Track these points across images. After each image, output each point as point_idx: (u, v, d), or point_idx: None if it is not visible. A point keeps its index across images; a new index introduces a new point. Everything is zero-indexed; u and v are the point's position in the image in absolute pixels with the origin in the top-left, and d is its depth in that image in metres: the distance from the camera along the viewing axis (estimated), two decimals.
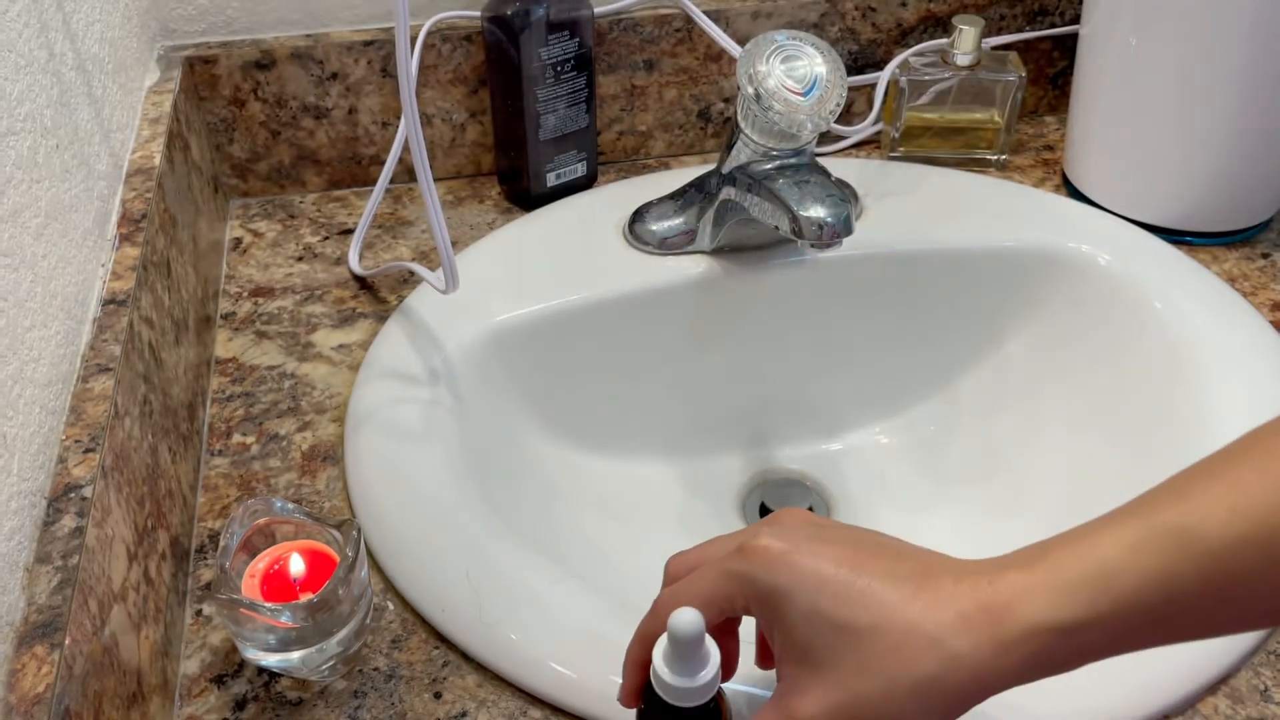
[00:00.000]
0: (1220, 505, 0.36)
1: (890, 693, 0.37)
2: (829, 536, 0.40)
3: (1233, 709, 0.50)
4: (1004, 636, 0.37)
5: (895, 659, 0.37)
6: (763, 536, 0.40)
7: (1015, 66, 0.79)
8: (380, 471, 0.59)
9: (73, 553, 0.43)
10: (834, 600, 0.38)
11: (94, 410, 0.48)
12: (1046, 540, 0.39)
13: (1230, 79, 0.68)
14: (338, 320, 0.70)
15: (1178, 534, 0.36)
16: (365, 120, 0.78)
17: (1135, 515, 0.37)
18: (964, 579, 0.38)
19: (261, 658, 0.50)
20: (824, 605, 0.38)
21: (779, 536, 0.40)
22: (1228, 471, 0.37)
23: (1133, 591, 0.36)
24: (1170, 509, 0.37)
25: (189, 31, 0.75)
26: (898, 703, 0.37)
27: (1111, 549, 0.37)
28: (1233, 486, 0.36)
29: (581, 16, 0.72)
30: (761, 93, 0.62)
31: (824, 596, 0.38)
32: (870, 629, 0.38)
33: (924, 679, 0.37)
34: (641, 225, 0.72)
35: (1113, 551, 0.37)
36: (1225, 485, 0.36)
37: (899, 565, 0.39)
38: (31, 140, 0.50)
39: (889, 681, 0.37)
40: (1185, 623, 0.37)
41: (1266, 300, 0.71)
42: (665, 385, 0.73)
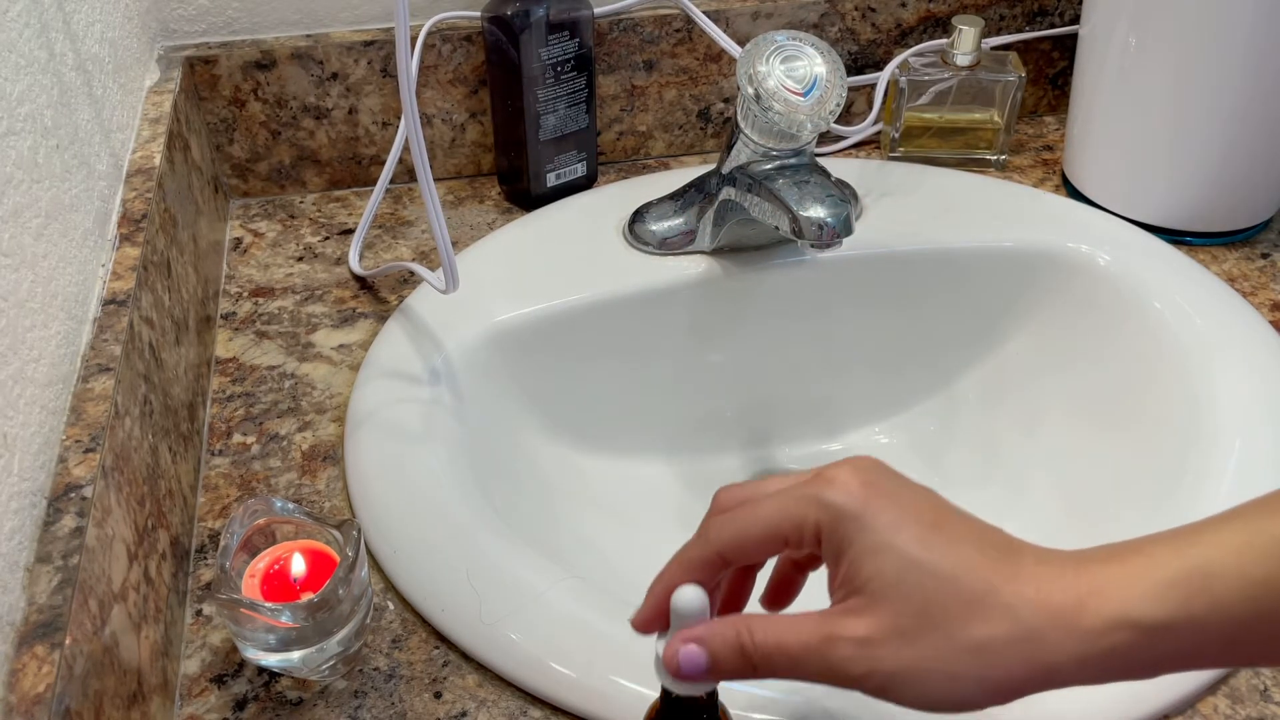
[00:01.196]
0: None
1: (949, 645, 0.36)
2: (913, 486, 0.39)
3: (1232, 709, 0.50)
4: (1085, 625, 0.35)
5: (964, 613, 0.36)
6: (845, 468, 0.39)
7: (1015, 67, 0.79)
8: (380, 471, 0.59)
9: (73, 552, 0.43)
10: (913, 541, 0.37)
11: (94, 410, 0.48)
12: (1140, 537, 0.37)
13: (1230, 78, 0.68)
14: (338, 320, 0.70)
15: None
16: (365, 120, 0.78)
17: (1242, 519, 0.36)
18: (1048, 562, 0.37)
19: (262, 657, 0.50)
20: (902, 543, 0.37)
21: (863, 469, 0.39)
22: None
23: (1231, 597, 0.34)
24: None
25: (189, 32, 0.75)
26: (953, 658, 0.36)
27: (1214, 549, 0.35)
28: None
29: (581, 17, 0.72)
30: (761, 93, 0.62)
31: (903, 535, 0.37)
32: (945, 577, 0.36)
33: (989, 643, 0.35)
34: (641, 225, 0.72)
35: (1215, 552, 0.35)
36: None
37: (984, 532, 0.38)
38: (32, 140, 0.50)
39: (951, 634, 0.36)
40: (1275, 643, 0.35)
41: (1266, 300, 0.71)
42: (665, 385, 0.73)
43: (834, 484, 0.38)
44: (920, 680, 0.36)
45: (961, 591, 0.36)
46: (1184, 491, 0.58)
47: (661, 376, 0.73)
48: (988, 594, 0.36)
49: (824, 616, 0.38)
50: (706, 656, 0.38)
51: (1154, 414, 0.66)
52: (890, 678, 0.36)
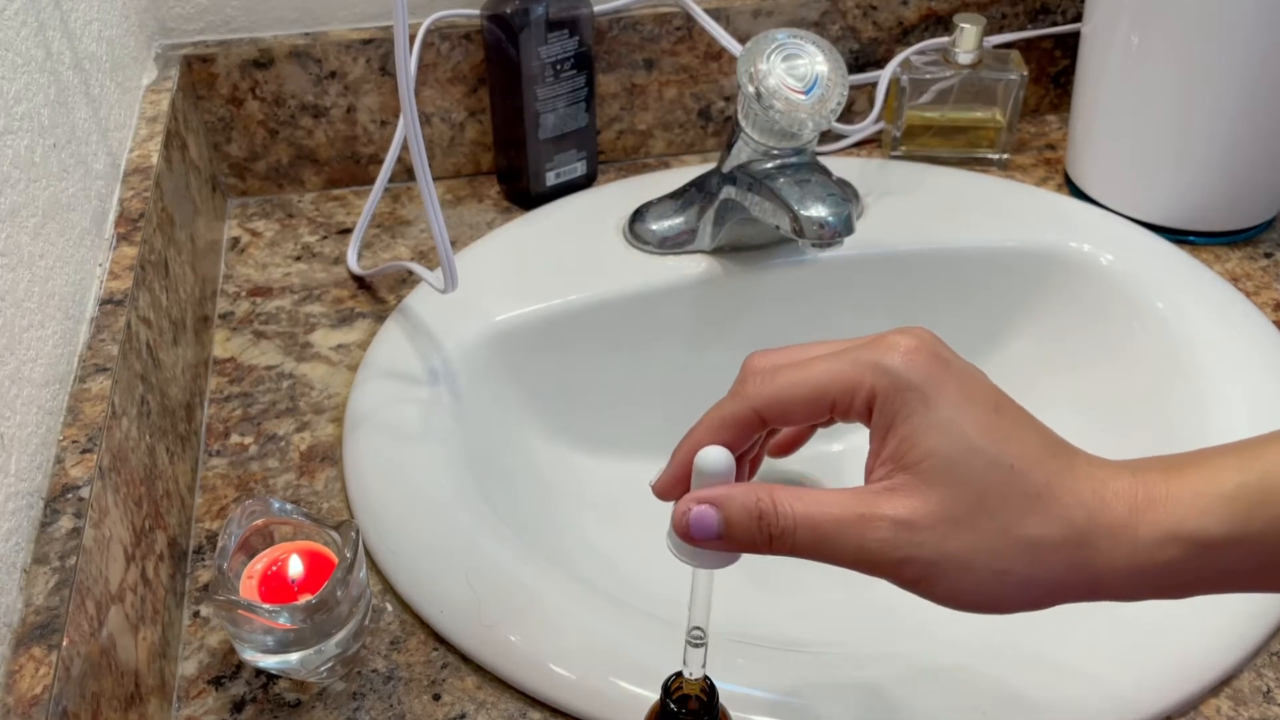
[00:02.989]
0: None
1: (1000, 540, 0.34)
2: (970, 365, 0.37)
3: (1235, 710, 0.50)
4: (1140, 536, 0.33)
5: (1020, 507, 0.34)
6: (906, 334, 0.36)
7: (1017, 65, 0.78)
8: (379, 472, 0.59)
9: (70, 554, 0.43)
10: (975, 424, 0.34)
11: (91, 410, 0.48)
12: (1196, 450, 0.36)
13: (1232, 77, 0.68)
14: (336, 320, 0.70)
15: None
16: (364, 119, 0.78)
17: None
18: (1103, 466, 0.35)
19: (260, 659, 0.50)
20: (964, 424, 0.34)
21: (924, 337, 0.36)
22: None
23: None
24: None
25: (187, 30, 0.75)
26: (1002, 553, 0.34)
27: (1276, 464, 0.33)
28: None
29: (581, 15, 0.72)
30: (762, 91, 0.62)
31: (966, 416, 0.34)
32: (1005, 467, 0.34)
33: (1041, 542, 0.33)
34: (641, 225, 0.72)
35: (1276, 468, 0.33)
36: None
37: (1039, 425, 0.36)
38: (29, 139, 0.49)
39: (1005, 528, 0.33)
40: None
41: (1269, 300, 0.71)
42: (665, 385, 0.73)
43: (895, 349, 0.36)
44: (963, 573, 0.34)
45: (1020, 485, 0.34)
46: None
47: (661, 376, 0.73)
48: (1045, 491, 0.34)
49: (860, 493, 0.35)
50: (719, 519, 0.36)
51: (1156, 414, 0.66)
52: (931, 566, 0.34)
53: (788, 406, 0.37)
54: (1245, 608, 0.52)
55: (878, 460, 0.36)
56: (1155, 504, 0.34)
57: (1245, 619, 0.52)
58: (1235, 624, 0.52)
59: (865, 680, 0.50)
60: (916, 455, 0.34)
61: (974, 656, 0.51)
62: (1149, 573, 0.34)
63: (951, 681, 0.50)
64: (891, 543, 0.34)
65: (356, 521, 0.54)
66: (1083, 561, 0.34)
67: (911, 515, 0.34)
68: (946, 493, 0.34)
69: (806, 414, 0.37)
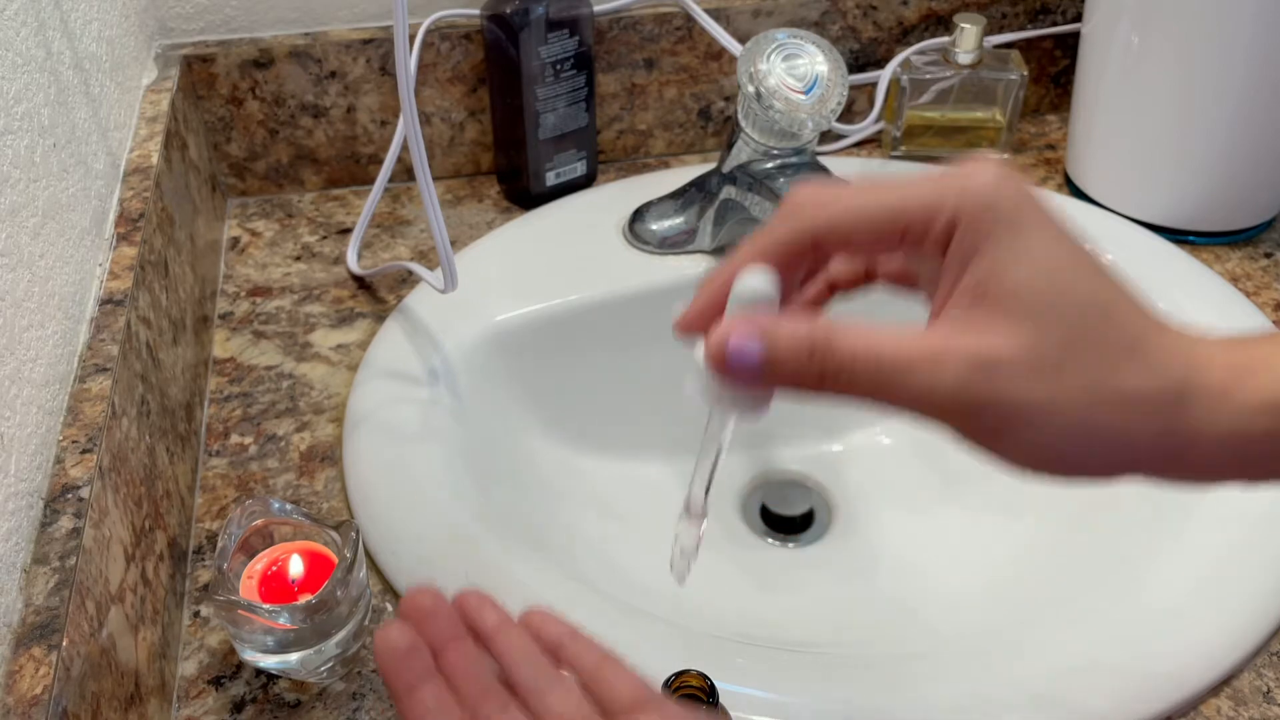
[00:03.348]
0: None
1: (1095, 389, 0.30)
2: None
3: (1235, 710, 0.50)
4: (1241, 400, 0.30)
5: (1116, 356, 0.30)
6: (990, 161, 0.31)
7: (1017, 65, 0.78)
8: (379, 472, 0.59)
9: (70, 554, 0.43)
10: (1069, 261, 0.31)
11: (91, 410, 0.48)
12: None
13: (1233, 77, 0.68)
14: (336, 320, 0.70)
15: None
16: (364, 119, 0.78)
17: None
18: (1191, 329, 0.32)
19: (260, 659, 0.50)
20: (1057, 258, 0.30)
21: (1014, 170, 0.32)
22: None
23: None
24: None
25: (187, 30, 0.75)
26: (1096, 405, 0.30)
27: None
28: None
29: (581, 15, 0.72)
30: (762, 91, 0.62)
31: (1059, 251, 0.31)
32: (1101, 310, 0.30)
33: (1138, 396, 0.30)
34: (641, 224, 0.72)
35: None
36: None
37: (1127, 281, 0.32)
38: (29, 139, 0.49)
39: (1101, 377, 0.30)
40: None
41: (1269, 300, 0.70)
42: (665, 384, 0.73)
43: (983, 174, 0.31)
44: (1047, 424, 0.30)
45: (1115, 332, 0.30)
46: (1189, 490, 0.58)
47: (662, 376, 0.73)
48: (1143, 340, 0.30)
49: (932, 328, 0.31)
50: (763, 347, 0.31)
51: None
52: (1012, 414, 0.30)
53: (853, 228, 0.32)
54: (1245, 608, 0.52)
55: (953, 292, 0.31)
56: (1255, 370, 0.31)
57: (1245, 619, 0.52)
58: (1235, 624, 0.52)
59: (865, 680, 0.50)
60: (1001, 288, 0.30)
61: (974, 656, 0.51)
62: (1242, 442, 0.31)
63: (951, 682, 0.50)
64: (968, 383, 0.29)
65: (356, 521, 0.54)
66: (1177, 423, 0.30)
67: (994, 353, 0.29)
68: (1035, 332, 0.30)
69: (872, 238, 0.32)
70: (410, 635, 0.36)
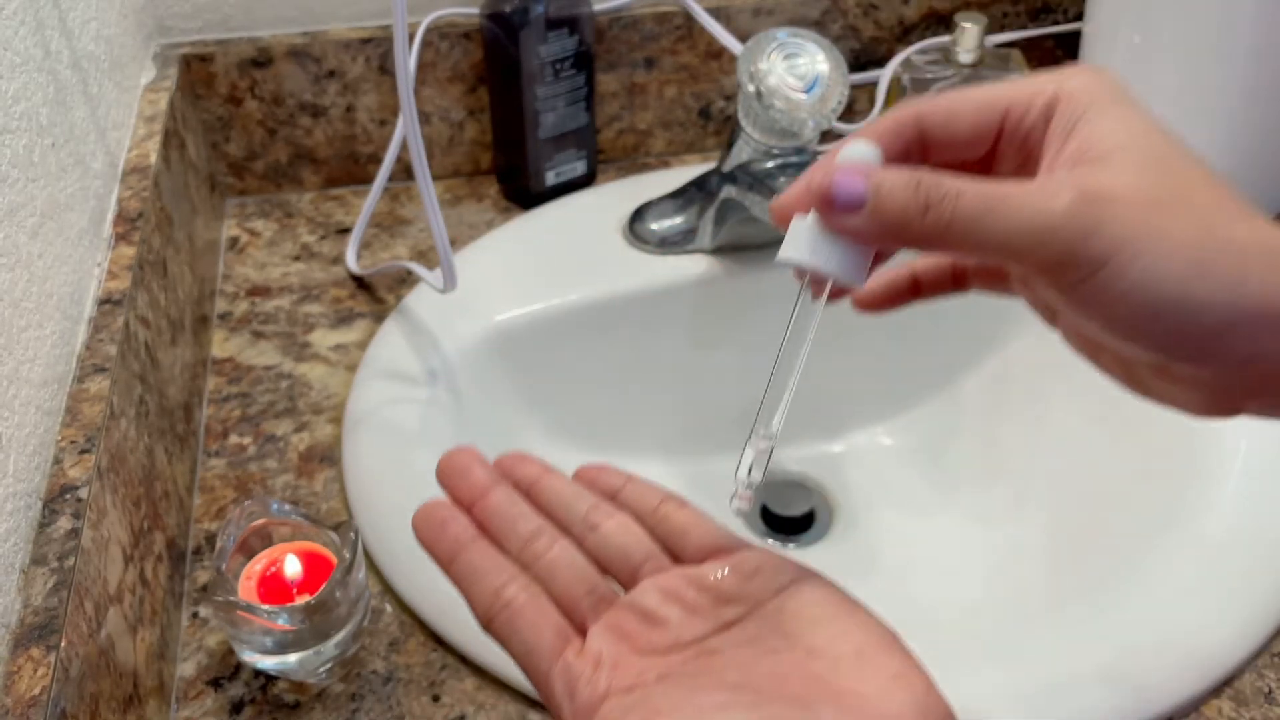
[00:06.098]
0: None
1: (1205, 232, 0.29)
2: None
3: (1236, 710, 0.50)
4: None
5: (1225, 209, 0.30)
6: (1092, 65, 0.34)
7: (1018, 64, 0.78)
8: (378, 473, 0.59)
9: (68, 554, 0.43)
10: (1166, 135, 0.31)
11: (90, 411, 0.48)
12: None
13: (1233, 77, 0.67)
14: (335, 320, 0.70)
15: None
16: (363, 118, 0.78)
17: None
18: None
19: (258, 660, 0.49)
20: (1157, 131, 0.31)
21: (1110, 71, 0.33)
22: None
23: None
24: None
25: (185, 29, 0.75)
26: (1209, 244, 0.29)
27: None
28: None
29: (581, 13, 0.71)
30: (763, 91, 0.62)
31: (1156, 127, 0.31)
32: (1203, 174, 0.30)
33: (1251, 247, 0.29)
34: (641, 224, 0.72)
35: None
36: None
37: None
38: (27, 139, 0.49)
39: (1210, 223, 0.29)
40: None
41: None
42: (665, 385, 0.73)
43: (1079, 70, 0.33)
44: (1158, 253, 0.28)
45: (1221, 189, 0.30)
46: (1190, 491, 0.58)
47: (661, 376, 0.73)
48: (1249, 206, 0.30)
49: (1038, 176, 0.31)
50: (868, 185, 0.30)
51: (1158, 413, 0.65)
52: (1122, 242, 0.28)
53: (954, 113, 0.33)
54: (1246, 608, 0.52)
55: (1054, 163, 0.31)
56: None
57: (1246, 619, 0.52)
58: (1236, 624, 0.52)
59: None
60: (1106, 147, 0.30)
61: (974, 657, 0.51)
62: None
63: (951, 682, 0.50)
64: (1079, 212, 0.29)
65: (355, 522, 0.54)
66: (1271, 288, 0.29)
67: (1106, 186, 0.29)
68: (1144, 175, 0.30)
69: (973, 125, 0.33)
70: (445, 507, 0.37)
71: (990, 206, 0.29)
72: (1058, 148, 0.31)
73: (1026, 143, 0.32)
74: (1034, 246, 0.29)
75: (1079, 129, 0.31)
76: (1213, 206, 0.30)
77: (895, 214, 0.30)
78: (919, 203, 0.30)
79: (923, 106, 0.33)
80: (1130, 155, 0.30)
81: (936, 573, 0.66)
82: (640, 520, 0.37)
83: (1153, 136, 0.31)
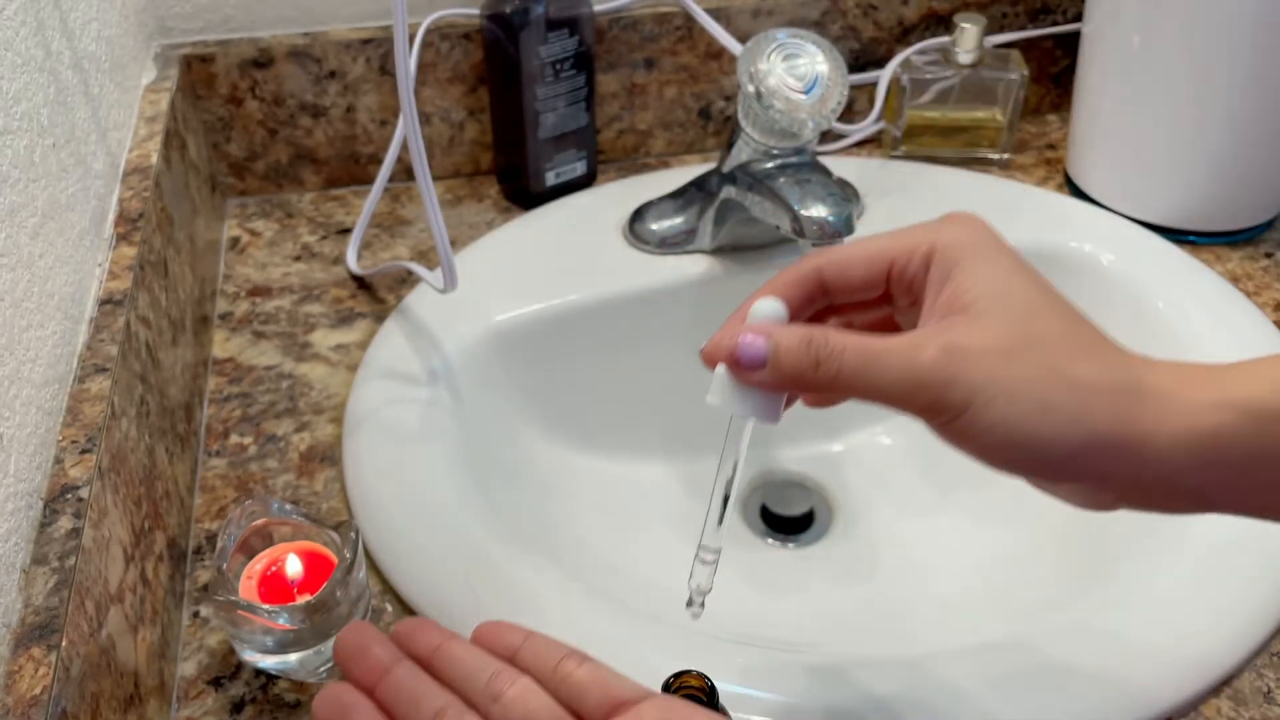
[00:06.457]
0: None
1: (1050, 373, 0.33)
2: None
3: (1235, 710, 0.50)
4: (1191, 398, 0.33)
5: (1072, 350, 0.34)
6: (967, 213, 0.38)
7: (1018, 65, 0.78)
8: (378, 472, 0.59)
9: (69, 554, 0.43)
10: (1028, 282, 0.35)
11: (91, 411, 0.48)
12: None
13: (1234, 77, 0.67)
14: (336, 320, 0.70)
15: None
16: (363, 119, 0.78)
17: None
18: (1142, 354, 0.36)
19: (259, 660, 0.50)
20: (1018, 279, 0.35)
21: (983, 220, 0.38)
22: None
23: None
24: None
25: (186, 30, 0.75)
26: (1051, 386, 0.33)
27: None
28: None
29: (581, 14, 0.72)
30: (762, 91, 0.62)
31: (1021, 274, 0.35)
32: (1057, 315, 0.35)
33: (1092, 383, 0.33)
34: (641, 224, 0.72)
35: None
36: None
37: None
38: (28, 139, 0.49)
39: (1055, 364, 0.33)
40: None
41: (1270, 300, 0.70)
42: (665, 385, 0.73)
43: (955, 220, 0.38)
44: (1009, 400, 0.33)
45: (1072, 332, 0.34)
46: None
47: (661, 376, 0.73)
48: (1098, 343, 0.35)
49: (912, 331, 0.36)
50: (768, 345, 0.36)
51: None
52: (977, 391, 0.33)
53: (848, 265, 0.38)
54: (1245, 608, 0.52)
55: (931, 311, 0.36)
56: (1204, 375, 0.34)
57: (1245, 619, 0.52)
58: (1235, 624, 0.52)
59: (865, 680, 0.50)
60: (970, 297, 0.35)
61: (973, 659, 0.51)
62: (1199, 439, 0.33)
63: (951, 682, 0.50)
64: (940, 363, 0.33)
65: (356, 522, 0.54)
66: (1131, 414, 0.33)
67: (963, 340, 0.34)
68: (1000, 325, 0.34)
69: (865, 274, 0.37)
70: (348, 692, 0.36)
71: (868, 362, 0.34)
72: (935, 295, 0.36)
73: (912, 288, 0.37)
74: (908, 395, 0.34)
75: (951, 278, 0.36)
76: (1061, 349, 0.34)
77: (791, 370, 0.36)
78: (811, 359, 0.35)
79: (820, 260, 0.38)
80: (990, 304, 0.34)
81: (935, 572, 0.66)
82: (542, 682, 0.36)
83: (1013, 284, 0.35)
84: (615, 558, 0.65)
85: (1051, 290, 0.36)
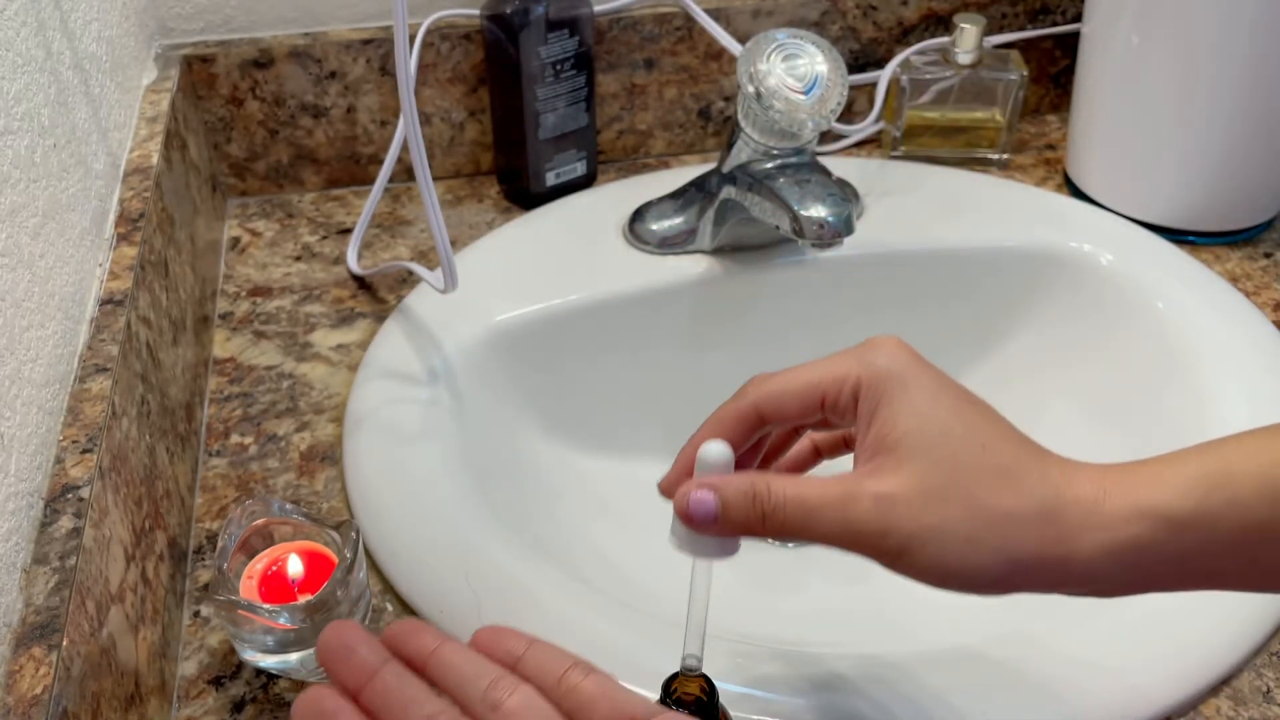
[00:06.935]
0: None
1: (972, 512, 0.36)
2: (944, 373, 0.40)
3: (1235, 710, 0.50)
4: (1108, 511, 0.36)
5: (992, 483, 0.36)
6: (888, 339, 0.40)
7: (1017, 65, 0.78)
8: (379, 472, 0.59)
9: (70, 554, 0.43)
10: (950, 408, 0.38)
11: (91, 410, 0.48)
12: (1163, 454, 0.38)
13: (1232, 77, 0.68)
14: (336, 320, 0.70)
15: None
16: (364, 119, 0.78)
17: (1264, 431, 0.37)
18: (1070, 459, 0.38)
19: (260, 659, 0.50)
20: (940, 407, 0.37)
21: (903, 343, 0.40)
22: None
23: (1249, 494, 0.35)
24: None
25: (187, 30, 0.75)
26: (974, 524, 0.36)
27: (1235, 453, 0.36)
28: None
29: (581, 14, 0.72)
30: (762, 91, 0.62)
31: (942, 401, 0.38)
32: (978, 446, 0.37)
33: (1012, 515, 0.36)
34: (641, 225, 0.72)
35: (1236, 455, 0.36)
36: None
37: (1011, 424, 0.39)
38: (29, 139, 0.49)
39: (976, 501, 0.36)
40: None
41: (1269, 300, 0.70)
42: (665, 385, 0.73)
43: (879, 349, 0.39)
44: (937, 542, 0.36)
45: (992, 462, 0.36)
46: None
47: (661, 376, 0.73)
48: (1016, 467, 0.37)
49: (847, 476, 0.38)
50: (717, 501, 0.38)
51: (1156, 414, 0.66)
52: (909, 538, 0.36)
53: (783, 401, 0.40)
54: (1245, 608, 0.52)
55: (863, 447, 0.38)
56: (1121, 483, 0.36)
57: (1245, 619, 0.52)
58: (1235, 624, 0.52)
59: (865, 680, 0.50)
60: (896, 436, 0.37)
61: (973, 658, 0.51)
62: (1120, 550, 0.36)
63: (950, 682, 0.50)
64: (872, 516, 0.36)
65: (356, 521, 0.54)
66: (1052, 537, 0.36)
67: (891, 490, 0.36)
68: (923, 468, 0.36)
69: (801, 407, 0.40)
70: (330, 697, 0.33)
71: (808, 516, 0.37)
72: (865, 429, 0.38)
73: (845, 416, 0.40)
74: (849, 543, 0.37)
75: (878, 413, 0.38)
76: (981, 483, 0.36)
77: (740, 523, 0.38)
78: (757, 513, 0.38)
79: (757, 397, 0.40)
80: (914, 443, 0.37)
81: None
82: (545, 692, 0.34)
83: (935, 416, 0.37)
84: (615, 556, 0.65)
85: (972, 412, 0.38)
